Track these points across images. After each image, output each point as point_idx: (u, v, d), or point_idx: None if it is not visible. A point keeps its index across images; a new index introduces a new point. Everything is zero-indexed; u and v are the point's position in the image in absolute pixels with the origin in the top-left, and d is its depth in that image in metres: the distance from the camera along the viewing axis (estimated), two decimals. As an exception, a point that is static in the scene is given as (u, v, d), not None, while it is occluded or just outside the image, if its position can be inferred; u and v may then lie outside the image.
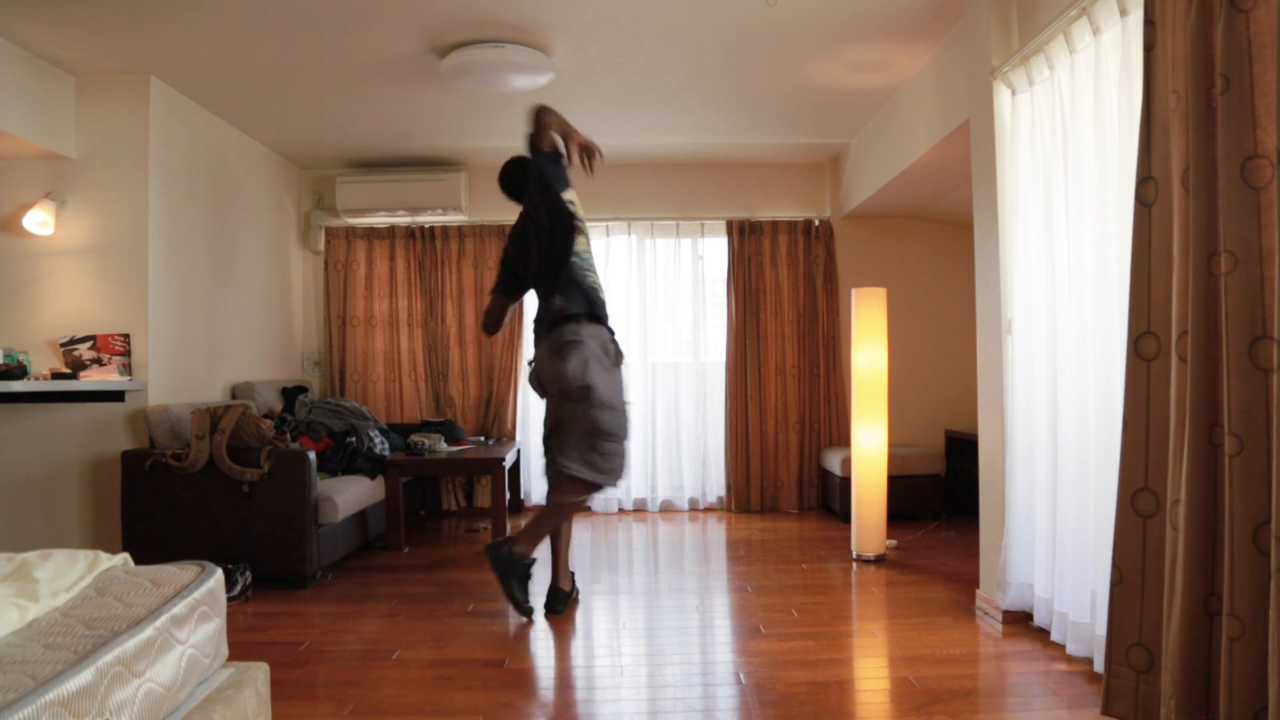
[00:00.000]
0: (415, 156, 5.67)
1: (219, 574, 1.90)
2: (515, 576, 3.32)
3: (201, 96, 4.45)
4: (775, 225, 5.87)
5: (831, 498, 5.53)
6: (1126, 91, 2.41)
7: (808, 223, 5.90)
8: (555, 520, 3.42)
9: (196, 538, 3.74)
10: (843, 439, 5.72)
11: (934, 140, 4.07)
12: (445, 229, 5.88)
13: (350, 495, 4.15)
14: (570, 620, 3.37)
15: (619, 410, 3.41)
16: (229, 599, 3.46)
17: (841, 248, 5.91)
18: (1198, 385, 1.97)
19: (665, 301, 5.99)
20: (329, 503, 3.94)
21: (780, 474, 5.79)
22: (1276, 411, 1.80)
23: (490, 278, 5.85)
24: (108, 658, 1.38)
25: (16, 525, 3.97)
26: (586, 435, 3.33)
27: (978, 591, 3.39)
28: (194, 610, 1.71)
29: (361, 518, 4.38)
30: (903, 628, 3.16)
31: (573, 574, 3.61)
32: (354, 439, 4.58)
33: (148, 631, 1.52)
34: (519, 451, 5.76)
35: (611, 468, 3.39)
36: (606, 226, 5.90)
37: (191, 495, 3.77)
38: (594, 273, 3.49)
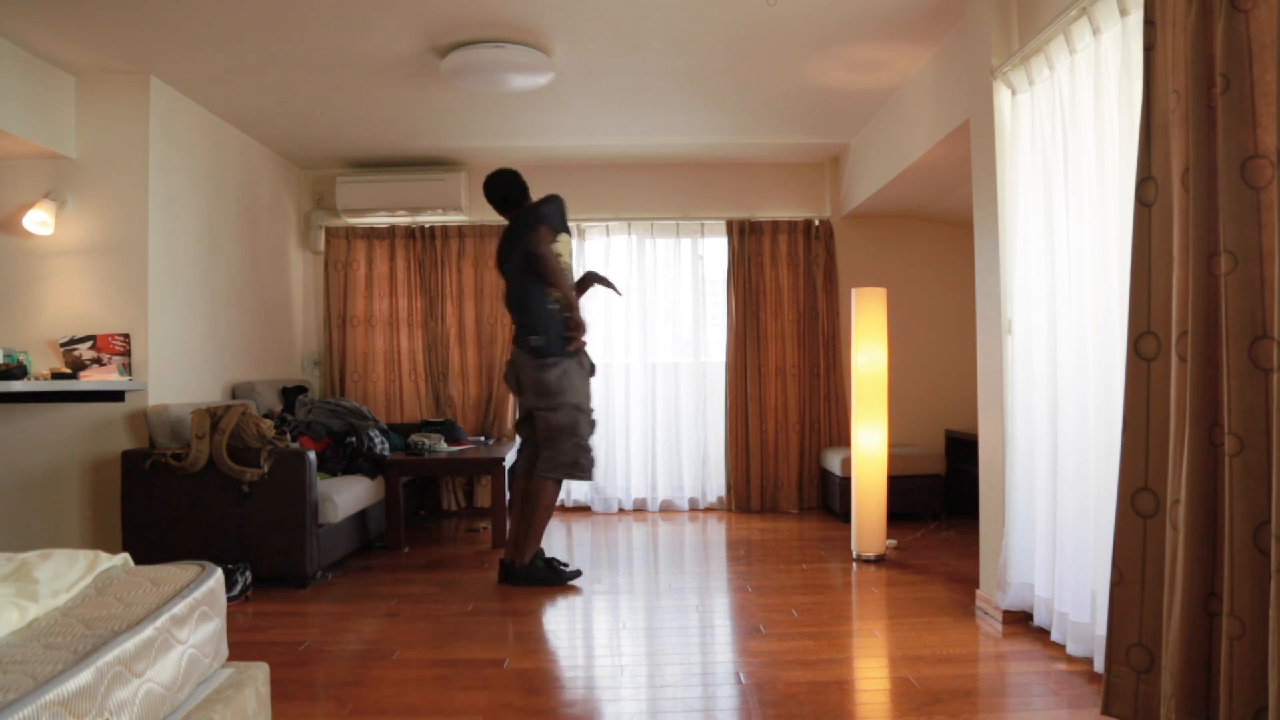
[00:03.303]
0: (415, 156, 5.67)
1: (219, 574, 1.90)
2: (543, 576, 3.82)
3: (201, 96, 4.45)
4: (775, 225, 5.87)
5: (831, 498, 5.53)
6: (1126, 91, 2.41)
7: (808, 223, 5.90)
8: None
9: (196, 538, 3.74)
10: (843, 439, 5.71)
11: (934, 140, 4.07)
12: (445, 229, 5.88)
13: (350, 495, 4.15)
14: (570, 620, 3.37)
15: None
16: (229, 599, 3.46)
17: (841, 248, 5.91)
18: (1198, 385, 1.97)
19: (665, 301, 5.99)
20: (329, 503, 3.94)
21: (780, 474, 5.78)
22: (1276, 411, 1.80)
23: (491, 277, 5.85)
24: (108, 658, 1.38)
25: (16, 525, 3.97)
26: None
27: (978, 591, 3.39)
28: (194, 610, 1.71)
29: (361, 518, 4.39)
30: (903, 628, 3.16)
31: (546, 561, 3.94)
32: (354, 439, 4.58)
33: (148, 631, 1.52)
34: (519, 451, 5.75)
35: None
36: (606, 226, 5.90)
37: (191, 495, 3.76)
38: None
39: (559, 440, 3.80)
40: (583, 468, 3.82)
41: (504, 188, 3.97)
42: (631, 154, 5.69)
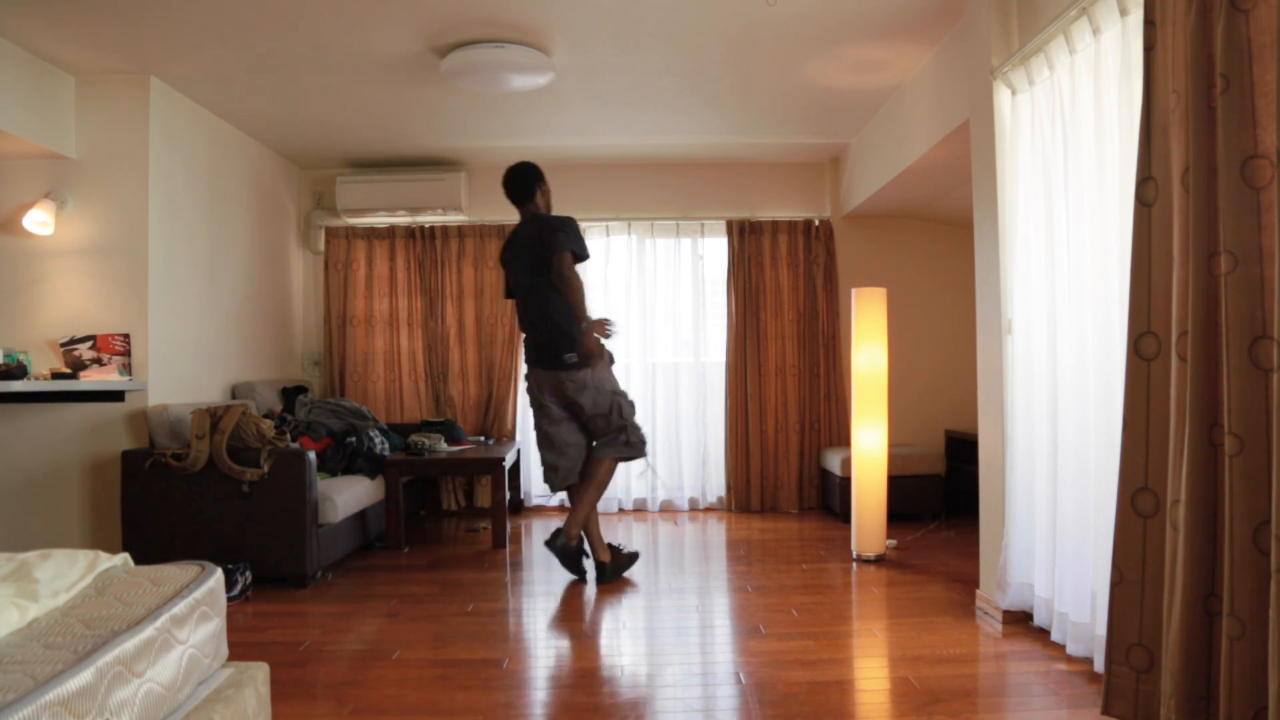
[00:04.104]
0: (415, 156, 5.67)
1: (219, 574, 1.90)
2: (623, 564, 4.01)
3: (201, 96, 4.45)
4: (775, 225, 5.87)
5: (831, 498, 5.53)
6: (1126, 91, 2.41)
7: (808, 223, 5.90)
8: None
9: (196, 538, 3.74)
10: (843, 439, 5.71)
11: (934, 140, 4.07)
12: (445, 229, 5.88)
13: (350, 495, 4.15)
14: (570, 620, 3.37)
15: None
16: (229, 599, 3.46)
17: (841, 248, 5.91)
18: (1198, 385, 1.97)
19: (665, 301, 5.99)
20: (329, 503, 3.94)
21: (780, 474, 5.78)
22: (1276, 411, 1.80)
23: (491, 277, 5.86)
24: (108, 658, 1.38)
25: (16, 525, 3.97)
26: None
27: (978, 591, 3.39)
28: (194, 610, 1.71)
29: (361, 518, 4.38)
30: (903, 628, 3.16)
31: (610, 546, 4.04)
32: (354, 439, 4.58)
33: (148, 631, 1.52)
34: (519, 451, 5.75)
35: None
36: (606, 226, 5.90)
37: (191, 495, 3.76)
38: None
39: (613, 428, 3.97)
40: (634, 445, 3.99)
41: (509, 186, 4.04)
42: (631, 154, 5.69)
